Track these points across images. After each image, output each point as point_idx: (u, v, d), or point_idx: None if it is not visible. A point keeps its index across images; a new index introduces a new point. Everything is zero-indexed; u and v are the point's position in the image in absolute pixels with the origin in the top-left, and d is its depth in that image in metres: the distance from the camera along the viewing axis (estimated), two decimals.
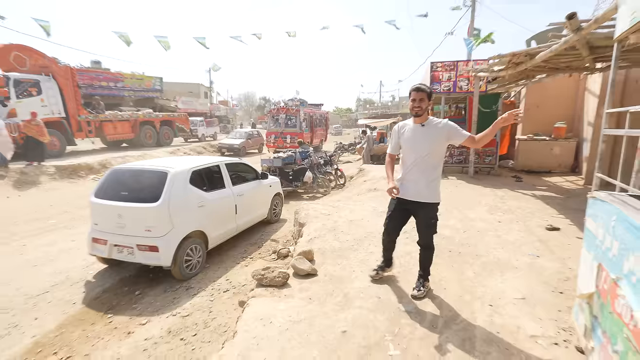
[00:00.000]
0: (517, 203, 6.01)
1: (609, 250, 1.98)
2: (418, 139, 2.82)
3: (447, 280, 3.33)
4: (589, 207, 2.38)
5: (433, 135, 2.80)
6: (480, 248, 4.05)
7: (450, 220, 5.07)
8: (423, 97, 2.77)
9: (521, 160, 9.25)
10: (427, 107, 2.81)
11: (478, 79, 8.27)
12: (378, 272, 3.30)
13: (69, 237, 5.90)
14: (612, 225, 1.98)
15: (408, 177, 2.88)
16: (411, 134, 2.87)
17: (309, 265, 3.45)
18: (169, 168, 4.48)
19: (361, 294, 3.10)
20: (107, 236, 4.33)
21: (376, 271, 3.31)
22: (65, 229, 6.34)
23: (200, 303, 3.81)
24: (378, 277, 3.28)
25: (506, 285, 3.21)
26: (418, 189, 2.84)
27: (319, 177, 9.02)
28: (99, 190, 4.57)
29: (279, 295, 3.11)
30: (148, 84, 22.99)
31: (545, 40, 6.68)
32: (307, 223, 4.98)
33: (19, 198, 8.51)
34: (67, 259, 5.08)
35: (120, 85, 22.53)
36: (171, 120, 19.62)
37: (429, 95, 2.79)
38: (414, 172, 2.84)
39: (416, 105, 2.79)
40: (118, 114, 15.94)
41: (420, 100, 2.77)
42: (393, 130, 3.04)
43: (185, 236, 4.35)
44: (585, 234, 2.41)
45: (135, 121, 16.85)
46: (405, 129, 2.93)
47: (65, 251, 5.36)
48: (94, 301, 4.04)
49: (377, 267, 3.34)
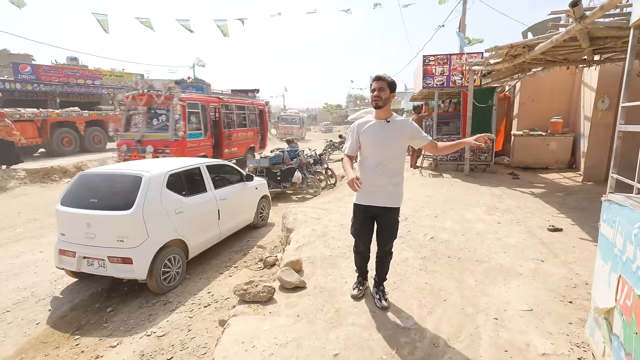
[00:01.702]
0: (515, 202, 5.90)
1: (631, 261, 1.80)
2: (383, 138, 2.62)
3: (447, 290, 3.14)
4: (604, 210, 2.20)
5: (398, 133, 2.62)
6: (480, 253, 3.89)
7: (447, 222, 4.90)
8: (383, 86, 2.58)
9: (517, 157, 9.18)
10: (388, 99, 2.61)
11: (472, 73, 8.14)
12: (360, 289, 3.05)
13: (37, 248, 5.56)
14: (634, 233, 1.79)
15: (372, 181, 2.66)
16: (374, 132, 2.64)
17: (297, 277, 3.22)
18: (143, 172, 4.20)
19: (354, 308, 2.89)
20: (75, 247, 4.04)
21: (357, 289, 3.05)
22: (33, 239, 5.98)
23: (178, 320, 3.55)
24: (362, 295, 3.05)
25: (511, 294, 3.04)
26: (385, 193, 2.67)
27: (308, 177, 8.79)
28: (66, 197, 4.26)
29: (263, 312, 2.87)
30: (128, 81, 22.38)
31: (541, 31, 6.56)
32: (296, 228, 4.75)
33: None
34: (33, 273, 4.76)
35: (99, 83, 21.95)
36: (103, 120, 15.95)
37: (390, 85, 2.60)
38: (379, 175, 2.64)
39: (375, 95, 2.58)
40: (17, 113, 12.32)
41: (380, 89, 2.57)
42: (351, 128, 2.78)
43: (162, 246, 4.09)
44: (600, 242, 2.23)
45: (43, 122, 13.23)
46: (367, 126, 2.67)
47: (31, 263, 5.03)
48: (60, 320, 3.75)
49: (356, 284, 3.09)
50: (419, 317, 2.73)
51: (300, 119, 29.54)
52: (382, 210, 2.71)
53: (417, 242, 4.19)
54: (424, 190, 6.89)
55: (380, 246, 2.85)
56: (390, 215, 2.73)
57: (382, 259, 2.90)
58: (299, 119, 29.18)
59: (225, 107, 11.56)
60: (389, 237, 2.80)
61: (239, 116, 12.52)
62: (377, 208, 2.71)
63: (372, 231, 2.83)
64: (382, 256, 2.89)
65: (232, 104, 12.02)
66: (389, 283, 3.23)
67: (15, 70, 18.17)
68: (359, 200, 2.76)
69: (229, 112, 11.75)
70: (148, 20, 11.19)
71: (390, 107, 2.69)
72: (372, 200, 2.70)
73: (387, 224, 2.76)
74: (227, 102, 11.70)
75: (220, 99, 11.38)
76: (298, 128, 28.29)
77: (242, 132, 12.48)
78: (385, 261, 2.90)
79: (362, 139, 2.70)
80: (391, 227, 2.77)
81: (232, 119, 11.87)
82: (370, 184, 2.67)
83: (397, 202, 2.73)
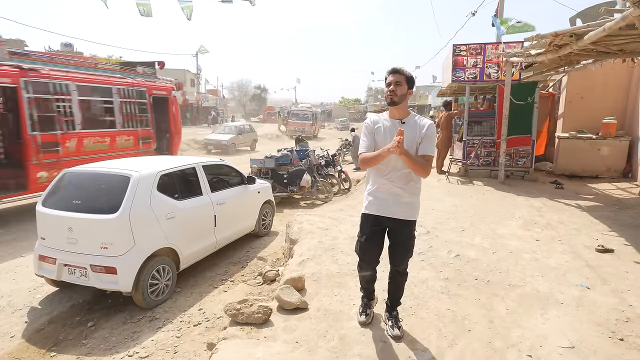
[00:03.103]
0: (558, 216, 5.71)
1: None
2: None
3: (472, 318, 3.02)
4: None
5: (415, 134, 2.54)
6: (514, 275, 3.75)
7: (476, 237, 4.76)
8: (400, 80, 2.50)
9: (562, 163, 8.96)
10: (405, 95, 2.53)
11: (510, 65, 7.95)
12: (367, 314, 2.95)
13: (18, 252, 5.68)
14: None
15: (385, 188, 2.60)
16: (388, 132, 2.56)
17: (298, 297, 3.16)
18: (132, 171, 4.22)
19: (362, 336, 2.81)
20: (56, 253, 4.09)
21: (365, 314, 2.95)
22: (14, 242, 6.11)
23: (164, 340, 3.54)
24: (370, 320, 2.95)
25: (549, 327, 2.90)
26: (400, 203, 2.59)
27: (318, 180, 8.75)
28: (48, 198, 4.32)
29: (257, 336, 2.82)
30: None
31: (592, 18, 6.34)
32: (300, 240, 4.69)
33: None
34: (11, 279, 4.85)
35: None
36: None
37: (408, 80, 2.52)
38: (393, 182, 2.58)
39: (391, 90, 2.50)
40: None
41: (397, 84, 2.50)
42: (365, 126, 2.70)
43: (150, 255, 4.09)
44: None
45: None
46: (380, 126, 2.61)
47: (10, 269, 5.14)
48: (36, 334, 3.79)
49: (362, 307, 2.99)
50: (437, 350, 2.63)
51: (313, 114, 29.63)
52: (395, 223, 2.63)
53: (439, 260, 4.07)
54: (450, 199, 6.75)
55: (393, 266, 2.76)
56: (405, 229, 2.64)
57: (395, 280, 2.81)
58: (311, 114, 29.27)
59: (43, 87, 7.08)
60: (404, 255, 2.70)
61: (95, 107, 8.56)
62: (390, 220, 2.63)
63: (380, 249, 2.75)
64: (395, 277, 2.80)
65: (65, 83, 7.43)
66: (404, 307, 3.14)
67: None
68: (369, 209, 2.69)
69: (56, 97, 7.27)
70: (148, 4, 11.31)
71: (407, 104, 2.62)
72: (385, 210, 2.61)
73: (401, 239, 2.66)
74: (44, 78, 7.09)
75: (21, 71, 6.77)
76: (310, 125, 28.36)
77: (98, 137, 8.18)
78: (400, 283, 2.81)
79: (376, 139, 2.62)
80: (406, 243, 2.67)
81: (66, 111, 7.45)
82: (382, 191, 2.60)
83: (413, 214, 2.64)
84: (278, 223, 7.01)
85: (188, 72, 40.66)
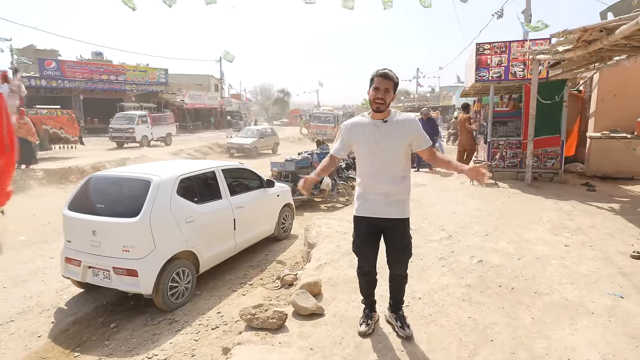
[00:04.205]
0: (589, 220, 5.45)
1: None
2: (380, 141, 2.54)
3: (495, 327, 2.90)
4: None
5: (399, 133, 2.55)
6: (540, 282, 3.59)
7: (500, 242, 4.60)
8: (389, 87, 2.50)
9: (594, 164, 8.62)
10: (390, 102, 2.54)
11: (537, 63, 7.68)
12: (368, 324, 2.88)
13: (47, 253, 5.89)
14: None
15: (374, 188, 2.60)
16: (370, 133, 2.56)
17: (314, 302, 3.12)
18: (153, 175, 4.30)
19: (379, 343, 2.75)
20: (80, 256, 4.22)
21: (366, 323, 2.87)
22: (44, 244, 6.35)
23: (182, 343, 3.58)
24: (372, 330, 2.87)
25: (578, 338, 2.74)
26: (390, 203, 2.60)
27: (339, 183, 8.69)
28: (73, 201, 4.47)
29: (272, 342, 2.80)
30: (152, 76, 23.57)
31: (624, 11, 6.04)
32: (318, 244, 4.66)
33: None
34: (40, 281, 5.04)
35: (122, 78, 23.33)
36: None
37: (395, 87, 2.55)
38: (381, 181, 2.58)
39: (379, 97, 2.48)
40: None
41: (386, 91, 2.49)
42: (341, 129, 2.70)
43: (170, 258, 4.15)
44: None
45: None
46: (360, 128, 2.61)
47: (40, 270, 5.33)
48: (61, 334, 3.91)
49: (363, 317, 2.91)
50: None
51: (335, 116, 29.55)
52: (388, 222, 2.63)
53: (461, 266, 3.95)
54: (473, 202, 6.57)
55: (392, 270, 2.74)
56: (400, 228, 2.65)
57: (396, 283, 2.80)
58: (333, 117, 29.20)
59: None
60: (402, 255, 2.70)
61: None
62: (382, 220, 2.62)
63: (377, 249, 2.75)
64: (396, 281, 2.79)
65: None
66: (423, 315, 3.06)
67: (41, 67, 19.74)
68: (360, 211, 2.67)
69: None
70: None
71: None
72: (376, 211, 2.61)
73: (396, 239, 2.67)
74: None
75: None
76: (332, 127, 28.28)
77: None
78: (401, 285, 2.82)
79: (354, 142, 2.63)
80: (402, 242, 2.67)
81: None
82: (371, 192, 2.61)
83: (405, 212, 2.66)
84: (298, 226, 7.00)
85: (212, 77, 41.59)
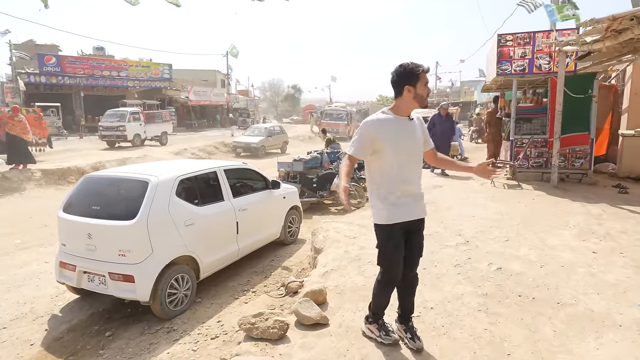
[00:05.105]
0: (620, 225, 5.35)
1: None
2: (411, 138, 2.68)
3: (513, 340, 2.86)
4: None
5: (421, 131, 2.77)
6: (564, 292, 3.53)
7: (522, 248, 4.53)
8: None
9: (626, 164, 8.50)
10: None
11: (564, 55, 7.56)
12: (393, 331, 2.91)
13: (43, 257, 6.00)
14: None
15: (404, 191, 2.67)
16: (399, 131, 2.65)
17: (318, 311, 3.11)
18: (151, 176, 4.34)
19: (386, 356, 2.72)
20: (76, 260, 4.28)
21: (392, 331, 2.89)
22: (40, 247, 6.48)
23: (180, 353, 3.59)
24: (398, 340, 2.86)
25: (603, 353, 2.69)
26: (418, 202, 2.75)
27: (351, 184, 8.66)
28: (69, 203, 4.54)
29: (272, 353, 2.80)
30: (155, 72, 23.87)
31: None
32: (325, 249, 4.66)
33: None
34: (35, 286, 5.12)
35: (124, 74, 23.69)
36: None
37: None
38: (409, 182, 2.69)
39: (428, 93, 2.72)
40: None
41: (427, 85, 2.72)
42: (362, 127, 2.69)
43: (168, 263, 4.18)
44: None
45: None
46: (387, 126, 2.65)
47: (35, 275, 5.42)
48: (55, 343, 3.97)
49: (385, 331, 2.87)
50: None
51: (348, 114, 29.54)
52: (417, 223, 2.76)
53: (478, 274, 3.90)
54: (494, 205, 6.49)
55: (407, 270, 2.78)
56: (422, 228, 2.83)
57: (411, 285, 2.86)
58: (345, 114, 29.20)
59: None
60: (419, 256, 2.84)
61: None
62: (414, 222, 2.71)
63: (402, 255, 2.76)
64: (411, 282, 2.85)
65: None
66: (435, 326, 3.04)
67: (41, 62, 20.14)
68: (394, 218, 2.63)
69: None
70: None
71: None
72: (410, 214, 2.69)
73: (418, 240, 2.81)
74: None
75: None
76: (345, 125, 28.28)
77: None
78: (415, 288, 2.89)
79: (380, 140, 2.61)
80: (421, 242, 2.85)
81: None
82: (401, 195, 2.66)
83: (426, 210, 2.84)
84: (306, 230, 7.00)
85: (218, 72, 41.89)
